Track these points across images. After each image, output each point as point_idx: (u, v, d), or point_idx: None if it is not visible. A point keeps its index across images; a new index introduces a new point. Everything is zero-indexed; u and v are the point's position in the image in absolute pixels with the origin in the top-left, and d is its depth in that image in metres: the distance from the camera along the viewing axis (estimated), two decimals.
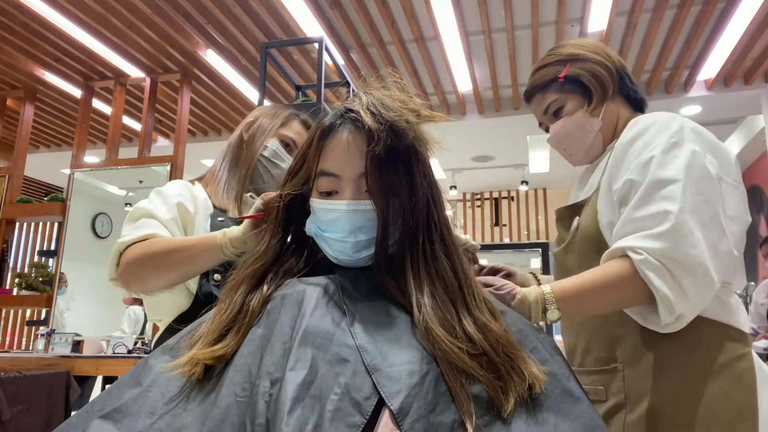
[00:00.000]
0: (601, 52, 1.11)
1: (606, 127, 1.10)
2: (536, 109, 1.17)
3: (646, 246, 0.87)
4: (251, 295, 0.72)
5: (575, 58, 1.10)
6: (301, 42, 3.80)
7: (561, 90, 1.11)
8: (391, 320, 0.68)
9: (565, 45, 1.14)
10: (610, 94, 1.10)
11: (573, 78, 1.09)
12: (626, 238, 0.90)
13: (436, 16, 3.65)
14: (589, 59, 1.09)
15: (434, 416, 0.58)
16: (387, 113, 0.70)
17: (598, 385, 1.01)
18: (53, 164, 6.34)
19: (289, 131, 1.33)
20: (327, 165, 0.74)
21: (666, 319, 0.87)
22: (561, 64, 1.11)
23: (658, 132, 0.96)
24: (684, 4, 3.55)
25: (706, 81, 4.57)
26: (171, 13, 3.69)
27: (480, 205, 7.90)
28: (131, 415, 0.62)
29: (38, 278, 4.10)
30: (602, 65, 1.09)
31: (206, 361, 0.65)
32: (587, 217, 1.05)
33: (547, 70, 1.12)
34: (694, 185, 0.89)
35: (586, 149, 1.13)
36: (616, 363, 0.99)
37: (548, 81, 1.12)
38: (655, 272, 0.85)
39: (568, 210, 1.13)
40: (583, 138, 1.11)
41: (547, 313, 0.87)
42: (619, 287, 0.88)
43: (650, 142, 0.95)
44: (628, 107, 1.13)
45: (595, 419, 0.64)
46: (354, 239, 0.73)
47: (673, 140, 0.94)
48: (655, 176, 0.91)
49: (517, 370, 0.63)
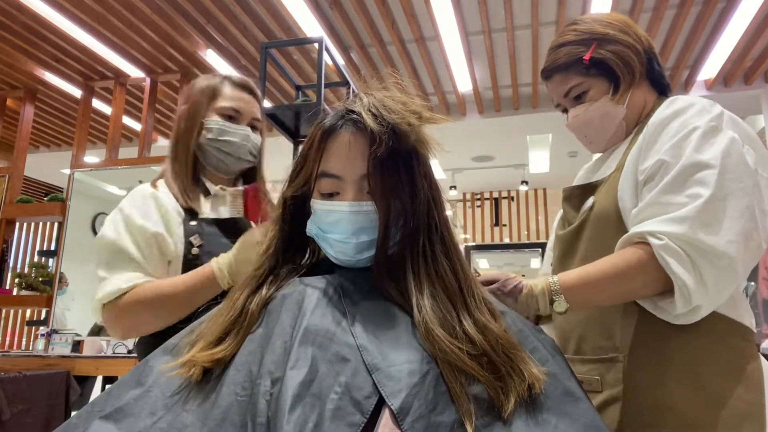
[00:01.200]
0: (630, 32, 1.02)
1: (630, 113, 1.03)
2: (555, 90, 1.08)
3: (668, 230, 0.81)
4: (252, 298, 0.72)
5: (602, 38, 1.00)
6: (301, 42, 3.80)
7: (585, 73, 1.02)
8: (392, 320, 0.69)
9: (589, 19, 1.04)
10: (638, 80, 1.02)
11: (599, 61, 1.00)
12: (647, 222, 0.85)
13: (436, 16, 3.65)
14: (618, 40, 1.00)
15: (434, 416, 0.58)
16: (389, 115, 0.70)
17: (593, 374, 0.95)
18: (53, 164, 6.34)
19: (223, 101, 1.22)
20: (328, 166, 0.74)
21: (681, 308, 0.82)
22: (585, 43, 1.01)
23: (698, 114, 0.90)
24: (684, 4, 3.55)
25: (706, 81, 4.57)
26: (171, 13, 3.69)
27: (480, 205, 7.90)
28: (132, 416, 0.63)
29: (38, 278, 4.10)
30: (632, 48, 1.00)
31: (204, 364, 0.65)
32: (605, 197, 0.98)
33: (569, 48, 1.02)
34: (731, 172, 0.84)
35: (607, 137, 1.05)
36: (615, 352, 0.94)
37: (571, 62, 1.02)
38: (676, 258, 0.81)
39: (580, 189, 1.07)
40: (606, 126, 1.04)
41: (554, 304, 0.84)
42: (631, 276, 0.84)
43: (688, 123, 0.89)
44: (653, 92, 1.05)
45: (596, 419, 0.65)
46: (356, 240, 0.73)
47: (713, 124, 0.88)
48: (691, 159, 0.85)
49: (516, 370, 0.64)
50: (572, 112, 1.06)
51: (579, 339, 1.01)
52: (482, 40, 4.02)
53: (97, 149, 5.62)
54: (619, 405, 0.91)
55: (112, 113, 4.55)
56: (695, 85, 4.61)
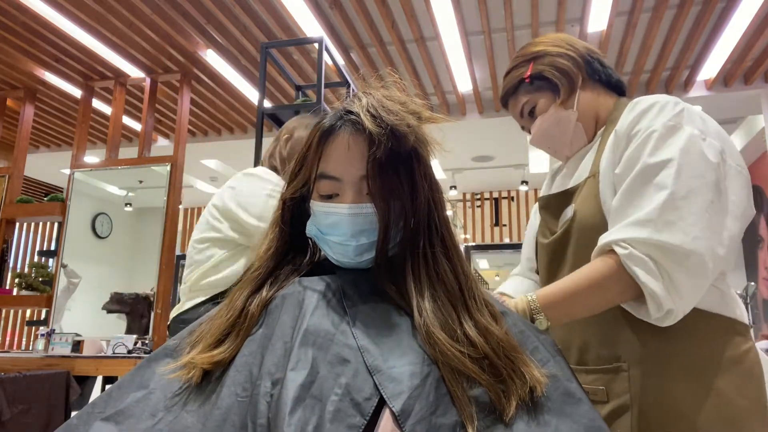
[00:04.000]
0: (562, 44, 1.09)
1: (585, 115, 1.08)
2: (513, 113, 1.16)
3: (631, 236, 0.83)
4: (251, 299, 0.72)
5: (537, 56, 1.08)
6: (301, 42, 3.80)
7: (529, 90, 1.10)
8: (392, 322, 0.68)
9: (528, 45, 1.13)
10: (580, 83, 1.07)
11: (539, 75, 1.08)
12: (613, 229, 0.87)
13: (436, 16, 3.65)
14: (550, 53, 1.08)
15: (436, 418, 0.58)
16: (388, 117, 0.69)
17: (598, 384, 0.96)
18: (53, 164, 6.34)
19: None
20: (327, 168, 0.73)
21: (655, 314, 0.84)
22: (525, 64, 1.10)
23: (658, 114, 0.92)
24: (684, 4, 3.55)
25: (706, 81, 4.57)
26: (171, 13, 3.69)
27: (480, 205, 7.90)
28: (133, 417, 0.62)
29: (38, 278, 4.10)
30: (564, 56, 1.07)
31: (204, 366, 0.65)
32: (585, 205, 1.00)
33: (513, 73, 1.11)
34: (691, 169, 0.85)
35: (568, 143, 1.10)
36: (619, 362, 0.94)
37: (516, 84, 1.11)
38: (641, 266, 0.82)
39: (557, 198, 1.09)
40: (561, 132, 1.09)
41: (535, 323, 0.84)
42: (605, 286, 0.85)
43: (648, 126, 0.92)
44: (607, 92, 1.10)
45: (596, 420, 0.64)
46: (356, 242, 0.72)
47: (670, 123, 0.90)
48: (647, 162, 0.88)
49: (518, 373, 0.63)
50: (532, 129, 1.13)
51: (580, 349, 1.01)
52: (482, 40, 4.02)
53: (97, 149, 5.62)
54: (629, 415, 0.91)
55: (112, 113, 4.55)
56: (695, 85, 4.61)
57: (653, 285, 0.81)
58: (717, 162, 0.88)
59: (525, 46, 1.14)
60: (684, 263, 0.82)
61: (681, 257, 0.82)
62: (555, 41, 1.10)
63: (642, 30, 3.88)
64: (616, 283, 0.85)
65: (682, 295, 0.83)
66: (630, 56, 4.19)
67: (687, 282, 0.82)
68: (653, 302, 0.83)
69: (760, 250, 6.00)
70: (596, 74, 1.09)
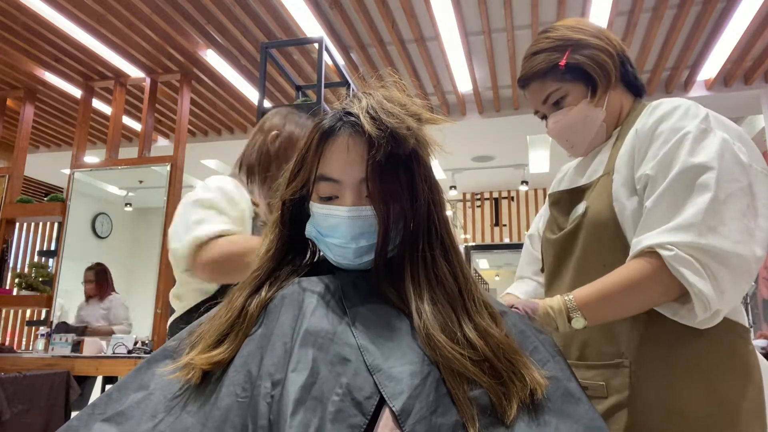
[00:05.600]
0: (602, 36, 1.04)
1: (609, 116, 1.05)
2: (533, 97, 1.09)
3: (676, 240, 0.82)
4: (251, 299, 0.72)
5: (576, 44, 1.02)
6: (301, 42, 3.80)
7: (562, 79, 1.03)
8: (392, 323, 0.68)
9: (562, 26, 1.06)
10: (613, 82, 1.03)
11: (575, 66, 1.02)
12: (653, 232, 0.86)
13: (436, 16, 3.65)
14: (592, 45, 1.02)
15: (436, 417, 0.58)
16: (387, 119, 0.68)
17: (598, 380, 0.95)
18: (53, 164, 6.34)
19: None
20: (327, 170, 0.73)
21: (702, 315, 0.83)
22: (560, 49, 1.03)
23: (685, 117, 0.91)
24: (684, 4, 3.55)
25: (706, 81, 4.57)
26: (171, 13, 3.69)
27: (480, 205, 7.90)
28: (134, 419, 0.63)
29: (38, 278, 4.10)
30: (605, 51, 1.02)
31: (203, 367, 0.65)
32: (598, 202, 0.98)
33: (545, 56, 1.04)
34: (728, 173, 0.85)
35: (589, 140, 1.07)
36: (621, 358, 0.93)
37: (547, 68, 1.03)
38: (689, 267, 0.81)
39: (568, 193, 1.08)
40: (586, 130, 1.05)
41: (572, 321, 0.85)
42: (647, 287, 0.85)
43: (678, 127, 0.90)
44: (629, 94, 1.08)
45: (596, 420, 0.64)
46: (355, 245, 0.72)
47: (703, 126, 0.89)
48: (687, 163, 0.86)
49: (518, 375, 0.63)
50: (552, 118, 1.07)
51: (581, 345, 1.01)
52: (482, 40, 4.02)
53: (97, 149, 5.62)
54: (626, 411, 0.91)
55: (112, 113, 4.55)
56: (695, 85, 4.61)
57: (701, 285, 0.81)
58: (749, 165, 0.88)
59: (556, 28, 1.06)
60: (728, 265, 0.82)
61: (725, 259, 0.82)
62: (595, 32, 1.04)
63: (642, 30, 3.88)
64: (658, 284, 0.84)
65: (727, 296, 0.83)
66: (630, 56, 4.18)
67: (731, 283, 0.83)
68: (700, 303, 0.82)
69: None
70: (626, 75, 1.06)
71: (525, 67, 1.08)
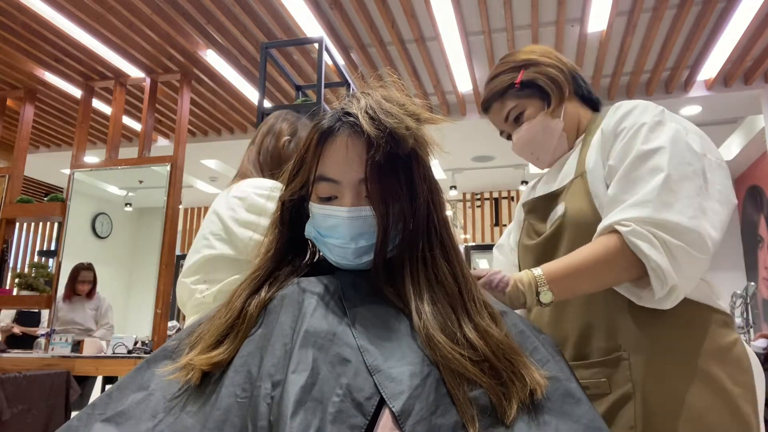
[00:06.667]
0: (551, 56, 1.13)
1: (568, 126, 1.12)
2: (495, 118, 1.18)
3: (632, 216, 0.87)
4: (250, 300, 0.72)
5: (528, 63, 1.12)
6: (301, 42, 3.80)
7: (519, 96, 1.12)
8: (391, 323, 0.68)
9: (516, 53, 1.16)
10: (567, 95, 1.11)
11: (529, 82, 1.11)
12: (613, 212, 0.90)
13: (436, 16, 3.65)
14: (541, 63, 1.11)
15: (436, 418, 0.58)
16: (386, 119, 0.68)
17: (600, 377, 0.97)
18: (53, 164, 6.34)
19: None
20: (326, 170, 0.73)
21: (659, 291, 0.86)
22: (515, 70, 1.12)
23: (643, 113, 0.98)
24: (684, 4, 3.55)
25: (706, 81, 4.57)
26: (171, 13, 3.69)
27: (480, 205, 7.90)
28: (134, 419, 0.63)
29: (38, 278, 4.10)
30: (555, 67, 1.11)
31: (202, 367, 0.65)
32: (575, 202, 1.03)
33: (502, 77, 1.13)
34: (680, 156, 0.90)
35: (552, 151, 1.14)
36: (619, 351, 0.95)
37: (505, 88, 1.13)
38: (646, 241, 0.85)
39: (544, 199, 1.12)
40: (548, 140, 1.13)
41: (539, 295, 0.87)
42: (610, 262, 0.88)
43: (636, 122, 0.97)
44: (586, 107, 1.16)
45: (596, 420, 0.64)
46: (355, 245, 0.72)
47: (657, 119, 0.96)
48: (642, 149, 0.92)
49: (518, 375, 0.63)
50: (515, 134, 1.16)
51: (576, 344, 1.02)
52: (482, 40, 4.02)
53: (97, 149, 5.62)
54: (632, 403, 0.93)
55: (112, 113, 4.55)
56: (695, 85, 4.61)
57: (657, 258, 0.84)
58: (701, 153, 0.94)
59: (511, 54, 1.17)
60: (684, 239, 0.85)
61: (680, 234, 0.85)
62: (544, 53, 1.14)
63: (642, 30, 3.88)
64: (621, 258, 0.87)
65: (684, 271, 0.86)
66: (630, 56, 4.19)
67: (687, 257, 0.85)
68: (657, 278, 0.85)
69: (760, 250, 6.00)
70: (579, 89, 1.14)
71: (485, 91, 1.18)
